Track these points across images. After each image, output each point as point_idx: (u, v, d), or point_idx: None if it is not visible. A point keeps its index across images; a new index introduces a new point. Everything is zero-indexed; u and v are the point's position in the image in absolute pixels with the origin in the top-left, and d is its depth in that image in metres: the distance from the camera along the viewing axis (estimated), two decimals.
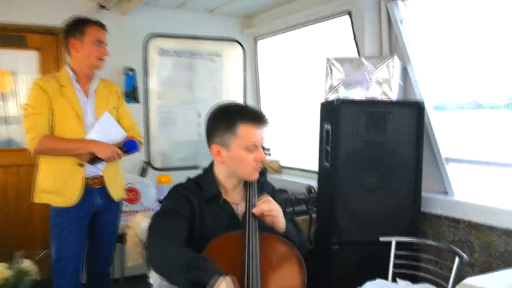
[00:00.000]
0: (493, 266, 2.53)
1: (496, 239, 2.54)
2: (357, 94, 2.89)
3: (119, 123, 2.78)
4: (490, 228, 2.57)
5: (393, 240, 2.49)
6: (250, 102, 4.94)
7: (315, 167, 3.14)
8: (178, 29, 4.51)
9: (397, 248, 2.44)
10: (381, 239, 2.51)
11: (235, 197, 1.83)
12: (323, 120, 2.98)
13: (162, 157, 4.57)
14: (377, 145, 2.71)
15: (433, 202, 2.85)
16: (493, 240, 2.56)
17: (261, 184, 1.90)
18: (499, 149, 2.86)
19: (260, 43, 4.85)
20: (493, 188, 2.89)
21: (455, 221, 2.76)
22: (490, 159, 2.83)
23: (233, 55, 4.88)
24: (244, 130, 1.70)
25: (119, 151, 2.62)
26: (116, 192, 2.75)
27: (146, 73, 4.40)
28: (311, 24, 4.10)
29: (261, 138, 1.74)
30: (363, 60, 2.90)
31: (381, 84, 2.85)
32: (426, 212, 2.87)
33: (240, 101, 4.93)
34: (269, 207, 1.74)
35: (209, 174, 1.82)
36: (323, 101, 3.01)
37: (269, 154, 2.04)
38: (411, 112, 2.72)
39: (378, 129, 2.70)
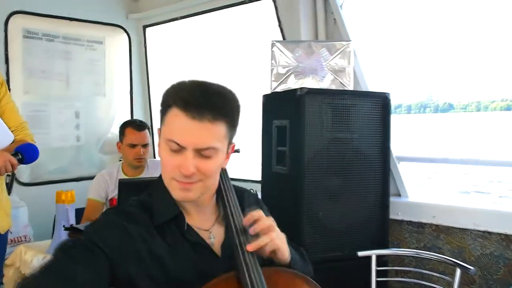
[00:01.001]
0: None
1: (471, 243, 2.33)
2: (309, 84, 2.46)
3: (3, 122, 1.92)
4: (463, 231, 2.35)
5: (373, 255, 2.11)
6: (138, 100, 4.21)
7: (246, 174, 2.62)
8: (49, 7, 3.58)
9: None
10: (360, 254, 2.11)
11: (204, 221, 1.18)
12: (269, 115, 2.48)
13: (30, 168, 3.57)
14: (342, 143, 2.31)
15: (393, 207, 2.54)
16: (467, 244, 2.35)
17: (240, 195, 1.29)
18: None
19: (149, 31, 4.14)
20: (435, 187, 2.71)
21: (420, 226, 2.51)
22: (439, 156, 2.64)
23: (117, 44, 4.11)
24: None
25: (13, 159, 1.78)
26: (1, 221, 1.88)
27: (6, 59, 3.39)
28: (216, 10, 3.57)
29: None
30: (316, 45, 2.48)
31: (336, 73, 2.47)
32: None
33: (126, 98, 4.17)
34: (270, 237, 1.08)
35: (162, 189, 1.15)
36: (268, 92, 2.51)
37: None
38: (376, 106, 2.37)
39: (343, 124, 2.30)
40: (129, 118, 4.17)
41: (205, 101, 1.06)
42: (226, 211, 1.16)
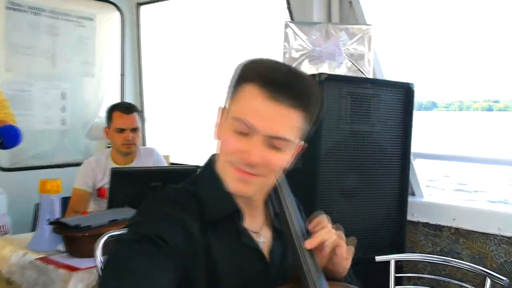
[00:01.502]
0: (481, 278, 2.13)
1: (494, 249, 2.16)
2: (324, 71, 2.24)
3: None
4: (486, 236, 2.17)
5: (392, 260, 1.91)
6: (130, 83, 3.95)
7: None
8: None
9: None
10: (378, 259, 1.91)
11: (254, 222, 1.03)
12: None
13: (10, 153, 3.28)
14: (361, 137, 2.10)
15: (408, 207, 2.34)
16: (490, 250, 2.17)
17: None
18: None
19: (144, 9, 3.87)
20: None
21: (437, 229, 2.32)
22: (456, 154, 2.47)
23: (108, 22, 3.83)
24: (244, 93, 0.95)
25: None
26: None
27: None
28: None
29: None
30: (334, 27, 2.26)
31: (355, 60, 2.25)
32: None
33: (116, 80, 3.91)
34: (330, 235, 0.96)
35: (213, 178, 0.99)
36: None
37: None
38: (399, 97, 2.17)
39: (363, 116, 2.10)
40: (119, 101, 3.93)
41: (291, 82, 0.91)
42: (285, 215, 1.00)
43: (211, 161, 1.03)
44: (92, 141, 3.80)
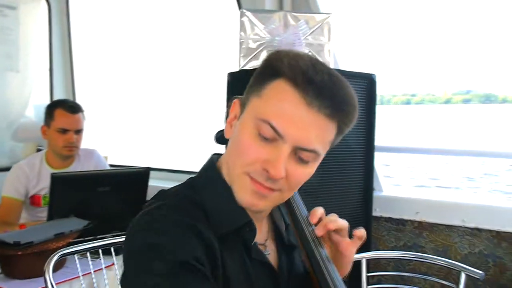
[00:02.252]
0: (453, 273, 2.12)
1: (458, 240, 2.15)
2: None
3: None
4: (450, 228, 2.16)
5: (363, 259, 1.83)
6: (59, 78, 3.62)
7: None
8: None
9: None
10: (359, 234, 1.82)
11: (260, 234, 0.89)
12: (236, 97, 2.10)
13: None
14: None
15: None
16: (454, 242, 2.16)
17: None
18: None
19: None
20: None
21: (401, 223, 2.28)
22: (415, 146, 2.46)
23: (34, 11, 3.48)
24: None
25: None
26: None
27: None
28: None
29: None
30: (293, 16, 2.14)
31: (315, 50, 2.15)
32: None
33: (44, 76, 3.57)
34: (338, 224, 0.89)
35: (218, 184, 0.84)
36: (235, 70, 2.13)
37: None
38: (361, 89, 2.09)
39: None
40: (48, 99, 3.58)
41: (333, 88, 0.76)
42: (296, 219, 0.91)
43: (214, 164, 0.88)
44: (18, 143, 3.43)
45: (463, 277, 1.67)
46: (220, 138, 0.97)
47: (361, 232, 0.92)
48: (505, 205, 2.11)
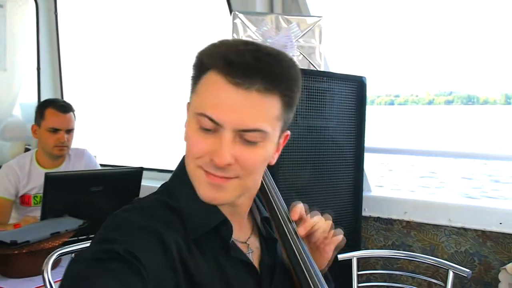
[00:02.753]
0: (441, 271, 2.18)
1: (445, 240, 2.20)
2: None
3: None
4: (437, 228, 2.21)
5: (354, 258, 1.87)
6: (47, 77, 3.60)
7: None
8: None
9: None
10: (340, 257, 1.86)
11: (240, 231, 0.90)
12: None
13: None
14: (318, 133, 2.04)
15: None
16: (440, 242, 2.21)
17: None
18: None
19: None
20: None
21: (389, 222, 2.33)
22: (405, 147, 2.50)
23: (21, 9, 3.45)
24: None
25: None
26: None
27: None
28: None
29: None
30: (284, 19, 2.17)
31: (306, 53, 2.18)
32: None
33: (32, 75, 3.54)
34: (322, 226, 0.93)
35: (188, 184, 0.84)
36: None
37: None
38: (352, 91, 2.13)
39: (318, 111, 2.03)
40: (35, 98, 3.56)
41: (257, 63, 0.74)
42: (277, 218, 0.91)
43: (184, 165, 0.87)
44: (5, 142, 3.40)
45: (451, 275, 1.72)
46: None
47: (340, 237, 0.94)
48: (490, 205, 2.17)
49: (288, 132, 0.86)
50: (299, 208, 0.92)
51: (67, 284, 0.69)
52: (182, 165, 0.88)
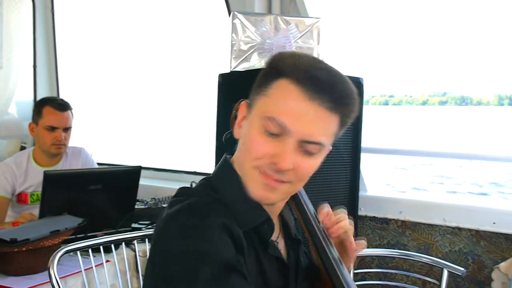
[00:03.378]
0: (435, 269, 2.21)
1: (439, 239, 2.23)
2: None
3: None
4: (431, 227, 2.24)
5: None
6: (43, 75, 3.60)
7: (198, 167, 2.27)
8: None
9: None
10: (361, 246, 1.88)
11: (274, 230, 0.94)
12: (227, 98, 2.14)
13: None
14: None
15: None
16: (435, 241, 2.24)
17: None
18: None
19: None
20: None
21: (384, 222, 2.35)
22: (402, 148, 2.53)
23: (17, 7, 3.44)
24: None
25: None
26: None
27: None
28: None
29: None
30: (283, 19, 2.19)
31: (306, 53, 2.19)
32: None
33: (28, 73, 3.54)
34: (347, 226, 0.99)
35: (236, 182, 0.88)
36: (227, 71, 2.17)
37: None
38: None
39: None
40: (31, 96, 3.56)
41: (332, 83, 0.82)
42: (307, 220, 0.97)
43: (228, 163, 0.92)
44: (1, 140, 3.40)
45: (445, 273, 1.75)
46: (229, 139, 1.01)
47: (364, 243, 1.00)
48: (484, 205, 2.20)
49: (331, 147, 0.91)
50: (326, 210, 0.97)
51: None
52: (225, 161, 0.93)
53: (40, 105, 2.33)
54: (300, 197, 0.98)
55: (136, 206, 2.25)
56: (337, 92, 0.82)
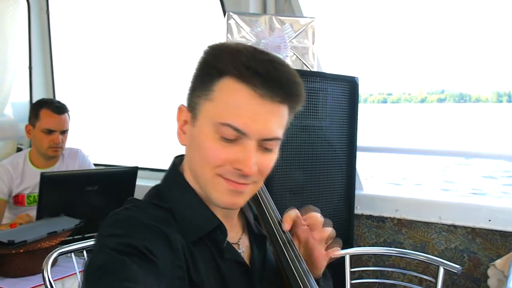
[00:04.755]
0: (431, 267, 2.22)
1: (435, 237, 2.24)
2: None
3: None
4: (427, 225, 2.25)
5: (347, 255, 1.90)
6: (39, 77, 3.59)
7: None
8: None
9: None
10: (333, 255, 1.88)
11: (232, 231, 0.92)
12: None
13: None
14: (311, 132, 2.06)
15: None
16: (431, 238, 2.25)
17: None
18: None
19: None
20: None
21: (381, 220, 2.36)
22: (398, 146, 2.55)
23: (12, 8, 3.43)
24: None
25: None
26: None
27: None
28: None
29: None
30: (278, 19, 2.19)
31: (300, 53, 2.21)
32: None
33: (23, 74, 3.53)
34: (328, 233, 0.93)
35: (185, 189, 0.87)
36: None
37: None
38: (345, 91, 2.16)
39: (312, 111, 2.06)
40: (27, 97, 3.55)
41: (277, 74, 0.77)
42: (266, 216, 0.93)
43: (177, 170, 0.89)
44: None
45: (441, 271, 1.75)
46: None
47: (338, 252, 0.95)
48: (479, 203, 2.21)
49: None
50: (291, 217, 0.92)
51: (93, 273, 0.71)
52: (174, 168, 0.90)
53: (37, 108, 2.33)
54: (261, 199, 0.94)
55: None
56: (285, 83, 0.78)
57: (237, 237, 0.92)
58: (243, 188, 0.81)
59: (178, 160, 0.91)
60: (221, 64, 0.78)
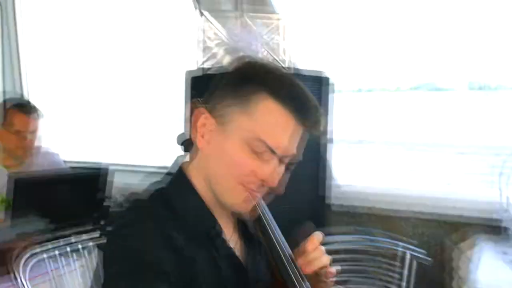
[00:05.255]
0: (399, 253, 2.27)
1: (410, 230, 2.30)
2: None
3: None
4: (400, 218, 2.31)
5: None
6: (8, 79, 3.51)
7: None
8: None
9: None
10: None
11: (225, 228, 0.96)
12: (194, 96, 2.14)
13: None
14: None
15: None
16: (401, 226, 2.31)
17: None
18: None
19: None
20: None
21: (352, 211, 2.41)
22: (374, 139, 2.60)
23: None
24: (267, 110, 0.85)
25: None
26: None
27: None
28: None
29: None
30: (249, 16, 2.21)
31: (271, 50, 2.23)
32: None
33: None
34: (326, 261, 0.90)
35: (188, 190, 0.92)
36: (194, 68, 2.18)
37: None
38: (316, 86, 2.19)
39: None
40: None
41: (311, 103, 0.87)
42: (264, 221, 0.92)
43: (183, 172, 0.94)
44: None
45: (408, 256, 1.83)
46: (188, 146, 0.98)
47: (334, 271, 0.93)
48: (446, 191, 2.29)
49: None
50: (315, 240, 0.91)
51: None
52: (181, 173, 0.94)
53: (4, 108, 2.27)
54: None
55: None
56: (314, 112, 0.87)
57: (230, 233, 0.97)
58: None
59: (185, 164, 0.95)
60: (260, 79, 0.85)
